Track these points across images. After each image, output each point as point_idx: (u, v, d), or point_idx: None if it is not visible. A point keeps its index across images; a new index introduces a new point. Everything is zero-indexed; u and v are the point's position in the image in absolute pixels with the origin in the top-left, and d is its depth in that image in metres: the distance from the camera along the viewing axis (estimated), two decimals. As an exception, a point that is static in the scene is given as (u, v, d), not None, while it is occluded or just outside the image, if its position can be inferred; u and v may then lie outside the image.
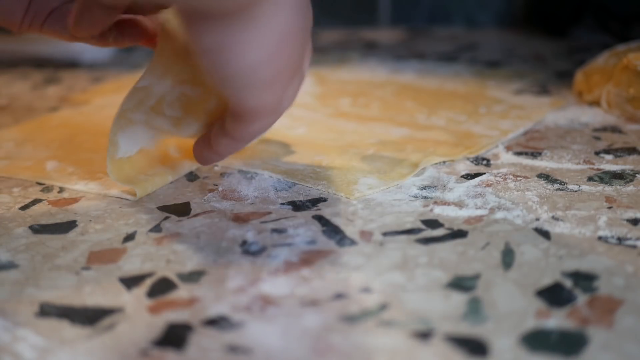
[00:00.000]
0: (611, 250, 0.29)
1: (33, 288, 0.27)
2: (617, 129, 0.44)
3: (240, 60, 0.26)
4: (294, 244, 0.30)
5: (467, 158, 0.40)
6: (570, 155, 0.40)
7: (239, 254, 0.29)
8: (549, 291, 0.26)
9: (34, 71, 0.66)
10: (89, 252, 0.30)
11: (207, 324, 0.25)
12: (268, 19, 0.25)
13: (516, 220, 0.32)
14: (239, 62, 0.26)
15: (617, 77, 0.46)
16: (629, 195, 0.34)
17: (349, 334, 0.24)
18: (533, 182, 0.36)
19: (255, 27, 0.25)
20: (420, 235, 0.30)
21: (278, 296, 0.26)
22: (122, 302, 0.26)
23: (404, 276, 0.27)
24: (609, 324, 0.24)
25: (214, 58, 0.26)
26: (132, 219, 0.33)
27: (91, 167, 0.40)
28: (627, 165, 0.38)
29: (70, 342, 0.24)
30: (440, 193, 0.35)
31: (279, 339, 0.24)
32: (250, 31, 0.25)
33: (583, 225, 0.31)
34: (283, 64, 0.27)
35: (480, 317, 0.24)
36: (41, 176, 0.39)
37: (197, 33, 0.26)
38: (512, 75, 0.61)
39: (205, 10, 0.25)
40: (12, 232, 0.32)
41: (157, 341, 0.24)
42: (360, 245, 0.30)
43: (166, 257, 0.29)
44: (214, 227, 0.32)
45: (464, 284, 0.26)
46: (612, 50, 0.50)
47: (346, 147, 0.42)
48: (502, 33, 0.82)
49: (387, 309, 0.25)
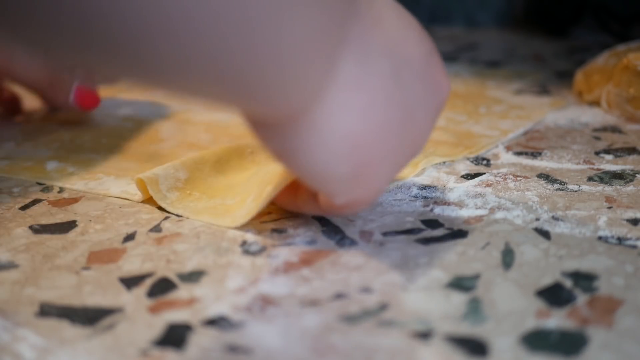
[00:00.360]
0: (611, 250, 0.29)
1: (33, 288, 0.27)
2: (617, 129, 0.44)
3: (310, 163, 0.25)
4: (294, 244, 0.30)
5: (467, 158, 0.40)
6: (570, 155, 0.40)
7: (239, 254, 0.29)
8: (549, 291, 0.26)
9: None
10: (89, 252, 0.30)
11: (207, 324, 0.25)
12: (332, 121, 0.24)
13: (516, 220, 0.32)
14: (309, 165, 0.25)
15: (617, 77, 0.46)
16: (629, 195, 0.34)
17: (349, 334, 0.24)
18: (533, 182, 0.36)
19: (317, 131, 0.24)
20: (420, 235, 0.30)
21: (278, 296, 0.26)
22: (122, 302, 0.26)
23: (404, 276, 0.27)
24: (609, 324, 0.24)
25: (284, 162, 0.26)
26: (132, 219, 0.33)
27: (91, 167, 0.40)
28: (627, 165, 0.38)
29: (70, 342, 0.24)
30: (440, 193, 0.35)
31: (279, 339, 0.24)
32: (313, 135, 0.24)
33: (583, 225, 0.31)
34: (365, 158, 0.25)
35: (480, 317, 0.24)
36: (41, 176, 0.39)
37: (262, 139, 0.25)
38: (512, 75, 0.61)
39: (261, 120, 0.24)
40: (12, 232, 0.32)
41: (157, 341, 0.24)
42: (360, 245, 0.30)
43: (166, 257, 0.29)
44: (214, 227, 0.32)
45: (464, 284, 0.26)
46: (612, 50, 0.50)
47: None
48: (502, 33, 0.82)
49: (387, 309, 0.25)
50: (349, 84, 0.24)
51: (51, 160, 0.41)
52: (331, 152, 0.24)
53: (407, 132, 0.26)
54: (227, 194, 0.35)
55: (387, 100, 0.25)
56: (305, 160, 0.25)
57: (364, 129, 0.24)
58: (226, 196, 0.35)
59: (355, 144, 0.24)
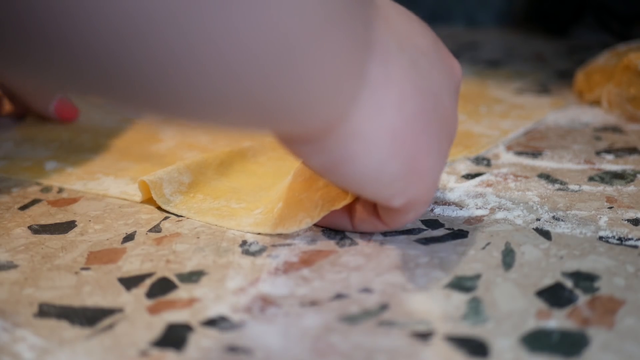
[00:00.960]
0: (612, 250, 0.29)
1: (32, 288, 0.27)
2: (617, 128, 0.44)
3: (360, 170, 0.25)
4: (294, 244, 0.30)
5: (468, 158, 0.40)
6: (570, 155, 0.40)
7: (239, 254, 0.29)
8: (550, 291, 0.26)
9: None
10: (88, 252, 0.30)
11: (207, 324, 0.24)
12: (371, 123, 0.24)
13: (517, 220, 0.31)
14: (359, 173, 0.25)
15: (617, 76, 0.46)
16: (630, 195, 0.34)
17: (349, 334, 0.24)
18: (534, 182, 0.36)
19: (360, 136, 0.24)
20: (421, 235, 0.30)
21: (278, 296, 0.26)
22: (121, 302, 0.26)
23: (404, 276, 0.27)
24: (609, 325, 0.24)
25: (332, 176, 0.26)
26: (131, 219, 0.33)
27: (90, 167, 0.40)
28: (628, 165, 0.38)
29: (70, 343, 0.24)
30: (440, 193, 0.35)
31: (279, 339, 0.23)
32: (357, 142, 0.24)
33: (584, 225, 0.31)
34: (411, 150, 0.25)
35: (480, 317, 0.24)
36: (40, 177, 0.39)
37: (304, 157, 0.25)
38: (512, 74, 0.61)
39: (300, 138, 0.24)
40: (12, 232, 0.32)
41: (156, 341, 0.24)
42: (360, 245, 0.30)
43: (166, 257, 0.29)
44: (213, 227, 0.32)
45: (464, 284, 0.26)
46: (612, 49, 0.50)
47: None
48: (502, 32, 0.82)
49: (387, 309, 0.25)
50: (379, 84, 0.24)
51: (50, 160, 0.41)
52: (378, 153, 0.24)
53: (440, 117, 0.27)
54: (231, 197, 0.35)
55: (415, 90, 0.25)
56: (354, 168, 0.25)
57: (402, 122, 0.25)
58: (231, 199, 0.34)
59: (399, 138, 0.25)
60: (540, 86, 0.56)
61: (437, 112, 0.26)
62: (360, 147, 0.24)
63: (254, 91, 0.19)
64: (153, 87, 0.18)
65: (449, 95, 0.27)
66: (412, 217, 0.28)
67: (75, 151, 0.43)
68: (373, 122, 0.24)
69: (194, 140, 0.45)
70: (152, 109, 0.20)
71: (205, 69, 0.17)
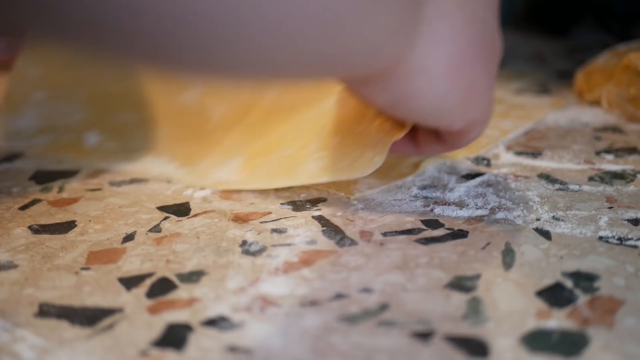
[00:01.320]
0: (612, 250, 0.29)
1: (32, 288, 0.27)
2: (617, 128, 0.44)
3: (425, 102, 0.27)
4: (294, 244, 0.30)
5: (468, 158, 0.40)
6: (570, 155, 0.40)
7: (239, 254, 0.29)
8: (550, 291, 0.26)
9: (34, 71, 0.66)
10: (88, 252, 0.30)
11: (207, 324, 0.24)
12: (432, 56, 0.26)
13: (517, 220, 0.31)
14: (425, 105, 0.27)
15: (617, 76, 0.46)
16: (630, 195, 0.34)
17: (349, 334, 0.24)
18: (534, 182, 0.36)
19: (423, 70, 0.25)
20: (421, 235, 0.30)
21: (278, 296, 0.26)
22: (121, 302, 0.26)
23: (404, 276, 0.27)
24: (609, 324, 0.24)
25: (398, 110, 0.27)
26: (131, 219, 0.33)
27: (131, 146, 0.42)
28: (628, 165, 0.38)
29: (70, 343, 0.24)
30: (440, 193, 0.35)
31: (279, 339, 0.23)
32: (421, 76, 0.26)
33: (584, 225, 0.31)
34: (469, 76, 0.27)
35: (480, 317, 0.24)
36: (81, 156, 0.41)
37: (369, 97, 0.27)
38: (512, 74, 0.61)
39: (362, 80, 0.26)
40: (12, 232, 0.32)
41: (156, 341, 0.24)
42: (360, 245, 0.30)
43: (166, 257, 0.29)
44: (213, 227, 0.32)
45: (464, 284, 0.26)
46: (612, 49, 0.50)
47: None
48: (502, 32, 0.82)
49: (387, 309, 0.25)
50: (433, 19, 0.25)
51: (89, 132, 0.43)
52: (439, 85, 0.26)
53: (488, 39, 0.28)
54: (280, 146, 0.36)
55: (464, 20, 0.26)
56: (418, 102, 0.26)
57: (458, 53, 0.26)
58: (281, 147, 0.35)
59: (457, 68, 0.26)
60: (540, 86, 0.56)
61: (485, 35, 0.28)
62: (422, 81, 0.26)
63: (320, 44, 0.21)
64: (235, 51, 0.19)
65: (492, 16, 0.29)
66: (474, 136, 0.30)
67: (110, 111, 0.45)
68: (431, 56, 0.25)
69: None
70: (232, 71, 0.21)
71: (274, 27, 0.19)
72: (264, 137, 0.38)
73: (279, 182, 0.34)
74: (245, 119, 0.40)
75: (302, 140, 0.35)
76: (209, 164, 0.38)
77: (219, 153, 0.38)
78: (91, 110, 0.45)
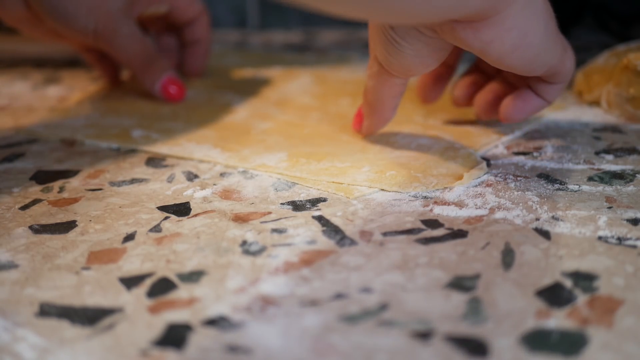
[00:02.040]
0: (611, 250, 0.29)
1: (33, 288, 0.27)
2: (617, 129, 0.44)
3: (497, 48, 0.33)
4: (294, 244, 0.30)
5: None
6: (570, 155, 0.40)
7: (239, 254, 0.29)
8: (549, 291, 0.26)
9: (34, 71, 0.66)
10: (88, 252, 0.30)
11: (207, 324, 0.25)
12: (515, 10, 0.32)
13: (516, 220, 0.32)
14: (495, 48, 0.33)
15: (617, 77, 0.46)
16: (629, 195, 0.34)
17: (349, 334, 0.24)
18: (533, 182, 0.36)
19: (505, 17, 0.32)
20: (420, 235, 0.30)
21: (278, 296, 0.26)
22: (122, 302, 0.26)
23: (404, 276, 0.27)
24: (609, 324, 0.24)
25: (483, 51, 0.33)
26: (132, 219, 0.33)
27: (174, 134, 0.44)
28: (627, 165, 0.38)
29: (70, 342, 0.24)
30: (440, 193, 0.35)
31: (279, 339, 0.24)
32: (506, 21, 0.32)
33: (583, 225, 0.31)
34: (542, 29, 0.35)
35: (480, 317, 0.24)
36: (128, 142, 0.43)
37: (465, 36, 0.32)
38: (512, 75, 0.60)
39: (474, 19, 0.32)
40: (12, 232, 0.32)
41: (157, 341, 0.24)
42: (360, 245, 0.30)
43: (166, 257, 0.29)
44: (214, 227, 0.32)
45: (464, 284, 0.26)
46: (612, 50, 0.50)
47: (347, 147, 0.42)
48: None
49: (387, 309, 0.25)
50: None
51: (136, 129, 0.46)
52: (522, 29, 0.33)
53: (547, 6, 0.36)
54: (333, 159, 0.39)
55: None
56: (493, 46, 0.33)
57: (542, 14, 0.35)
58: (333, 160, 0.39)
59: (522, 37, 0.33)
60: (539, 86, 0.56)
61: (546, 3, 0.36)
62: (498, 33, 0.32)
63: None
64: None
65: None
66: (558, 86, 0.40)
67: (158, 120, 0.47)
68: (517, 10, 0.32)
69: (265, 111, 0.50)
70: None
71: None
72: (308, 146, 0.41)
73: (325, 178, 0.37)
74: (288, 130, 0.45)
75: (356, 162, 0.38)
76: (252, 152, 0.41)
77: (262, 147, 0.41)
78: (140, 118, 0.48)
